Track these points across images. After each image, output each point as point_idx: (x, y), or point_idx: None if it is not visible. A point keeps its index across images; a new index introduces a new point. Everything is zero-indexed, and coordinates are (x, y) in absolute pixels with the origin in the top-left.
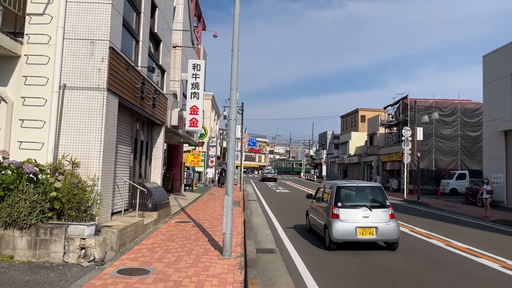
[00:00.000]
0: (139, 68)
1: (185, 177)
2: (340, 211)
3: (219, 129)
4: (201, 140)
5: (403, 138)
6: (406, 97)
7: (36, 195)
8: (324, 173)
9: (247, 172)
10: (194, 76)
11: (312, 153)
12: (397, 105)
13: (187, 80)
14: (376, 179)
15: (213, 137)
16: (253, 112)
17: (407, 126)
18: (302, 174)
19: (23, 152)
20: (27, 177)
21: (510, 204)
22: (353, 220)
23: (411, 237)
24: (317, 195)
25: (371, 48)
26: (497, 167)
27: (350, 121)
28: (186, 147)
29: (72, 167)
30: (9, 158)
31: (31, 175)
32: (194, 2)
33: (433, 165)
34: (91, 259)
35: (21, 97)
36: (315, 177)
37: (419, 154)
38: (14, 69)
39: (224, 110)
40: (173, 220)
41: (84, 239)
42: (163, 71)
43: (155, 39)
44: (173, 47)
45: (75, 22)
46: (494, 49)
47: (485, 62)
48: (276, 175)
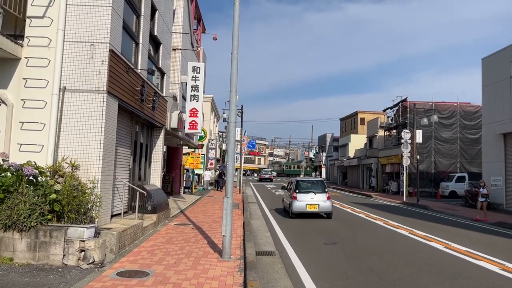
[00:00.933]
0: (139, 70)
1: (184, 179)
2: (298, 195)
3: (219, 131)
4: (200, 143)
5: (402, 141)
6: (405, 99)
7: (36, 197)
8: (323, 175)
9: (246, 174)
10: (194, 78)
11: (311, 155)
12: (397, 107)
13: (186, 83)
14: (372, 181)
15: (212, 140)
16: (252, 115)
17: (406, 129)
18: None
19: (23, 155)
20: (27, 179)
21: (509, 207)
22: (304, 200)
23: (410, 239)
24: (287, 186)
25: (370, 50)
26: (496, 169)
27: (350, 123)
28: (185, 149)
29: (71, 169)
30: (9, 160)
31: (31, 178)
32: (194, 4)
33: (433, 167)
34: (90, 261)
35: (21, 99)
36: None
37: (418, 157)
38: (14, 72)
39: (224, 113)
40: (173, 223)
41: (84, 241)
42: (162, 73)
43: (155, 42)
44: (173, 49)
45: (75, 25)
46: (493, 52)
47: (484, 65)
48: (272, 176)
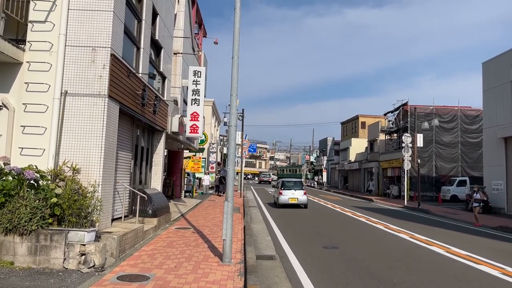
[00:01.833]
0: (140, 75)
1: (185, 183)
2: (282, 191)
3: (220, 135)
4: (201, 146)
5: (403, 145)
6: (406, 103)
7: (37, 201)
8: (324, 179)
9: (248, 178)
10: (195, 82)
11: (312, 159)
12: (397, 111)
13: (187, 87)
14: (369, 184)
15: (213, 143)
16: (253, 118)
17: (407, 133)
18: (303, 180)
19: (24, 158)
20: (28, 183)
21: (511, 211)
22: (287, 195)
23: (411, 244)
24: (276, 185)
25: (370, 54)
26: (498, 173)
27: (351, 127)
28: (186, 153)
29: (72, 173)
30: (10, 164)
31: (32, 181)
32: (195, 9)
33: (434, 171)
34: (91, 265)
35: (23, 103)
36: (315, 183)
37: (419, 161)
38: (16, 76)
39: (225, 117)
40: (173, 227)
41: (84, 245)
42: (164, 77)
43: (156, 46)
44: (174, 53)
45: (76, 29)
46: (494, 56)
47: (484, 69)
48: (270, 179)
